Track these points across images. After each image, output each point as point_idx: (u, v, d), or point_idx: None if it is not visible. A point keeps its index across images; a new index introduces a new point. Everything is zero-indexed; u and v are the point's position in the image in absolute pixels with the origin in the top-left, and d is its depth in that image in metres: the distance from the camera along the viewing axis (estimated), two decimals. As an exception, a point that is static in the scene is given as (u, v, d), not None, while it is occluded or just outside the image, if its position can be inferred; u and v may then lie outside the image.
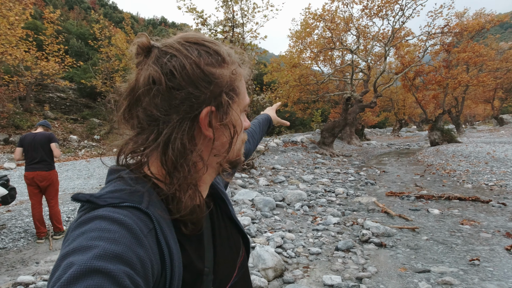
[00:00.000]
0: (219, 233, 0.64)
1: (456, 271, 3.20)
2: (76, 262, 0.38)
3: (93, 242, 0.40)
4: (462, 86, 18.78)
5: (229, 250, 0.66)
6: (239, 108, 0.60)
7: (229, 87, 0.57)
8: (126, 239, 0.42)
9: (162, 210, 0.52)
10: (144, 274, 0.42)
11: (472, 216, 4.94)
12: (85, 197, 0.48)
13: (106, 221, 0.43)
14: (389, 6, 14.98)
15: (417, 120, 33.13)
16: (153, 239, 0.47)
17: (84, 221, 0.45)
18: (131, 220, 0.45)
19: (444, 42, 16.41)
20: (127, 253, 0.41)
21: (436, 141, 16.09)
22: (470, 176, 7.96)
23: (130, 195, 0.50)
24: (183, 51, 0.53)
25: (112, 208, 0.47)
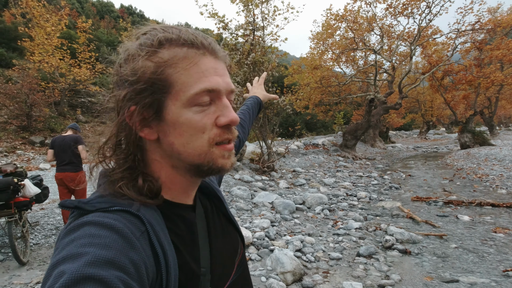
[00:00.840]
0: (214, 232, 0.62)
1: (487, 282, 3.01)
2: (67, 270, 0.36)
3: (84, 249, 0.39)
4: (496, 85, 17.69)
5: (226, 248, 0.63)
6: (179, 102, 0.50)
7: (155, 81, 0.49)
8: (117, 244, 0.41)
9: (154, 212, 0.51)
10: (139, 277, 0.41)
11: (506, 223, 4.63)
12: (72, 203, 0.47)
13: (96, 227, 0.42)
14: (415, 3, 14.46)
15: (446, 121, 31.60)
16: (146, 242, 0.46)
17: (73, 228, 0.43)
18: (122, 224, 0.44)
19: (475, 39, 15.58)
20: (119, 258, 0.39)
21: (466, 143, 15.25)
22: (505, 181, 7.46)
23: (119, 199, 0.49)
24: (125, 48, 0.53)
25: (101, 213, 0.45)
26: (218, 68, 0.53)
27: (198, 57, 0.51)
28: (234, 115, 0.53)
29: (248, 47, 11.38)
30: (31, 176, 4.00)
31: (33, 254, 3.70)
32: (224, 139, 0.54)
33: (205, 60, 0.52)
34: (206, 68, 0.51)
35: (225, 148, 0.54)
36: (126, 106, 0.50)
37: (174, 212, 0.55)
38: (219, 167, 0.54)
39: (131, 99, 0.50)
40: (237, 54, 11.41)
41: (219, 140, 0.53)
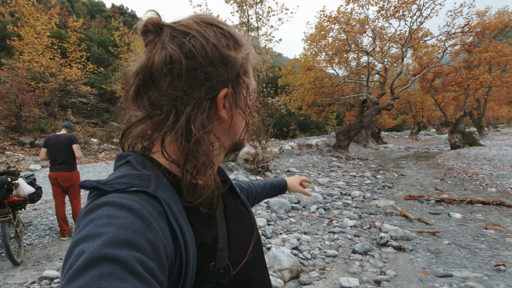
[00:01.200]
0: (230, 211, 0.65)
1: (480, 276, 3.08)
2: (86, 249, 0.38)
3: (102, 229, 0.40)
4: (485, 87, 18.12)
5: (242, 228, 0.66)
6: (247, 91, 0.60)
7: (243, 71, 0.57)
8: (135, 224, 0.42)
9: (171, 193, 0.52)
10: (156, 257, 0.42)
11: (496, 220, 4.74)
12: (91, 184, 0.48)
13: (114, 207, 0.43)
14: (406, 6, 14.71)
15: (436, 123, 32.17)
16: (163, 222, 0.47)
17: (92, 208, 0.45)
18: (139, 205, 0.45)
19: (464, 42, 15.91)
20: (137, 238, 0.40)
21: (456, 144, 15.55)
22: (494, 180, 7.64)
23: (138, 180, 0.50)
24: (202, 31, 0.53)
25: (119, 193, 0.46)
26: None
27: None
28: None
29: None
30: (24, 175, 3.93)
31: (27, 255, 3.64)
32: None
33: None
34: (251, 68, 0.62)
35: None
36: (219, 87, 0.54)
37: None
38: (244, 144, 0.65)
39: (228, 81, 0.55)
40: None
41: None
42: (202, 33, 0.53)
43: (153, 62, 0.51)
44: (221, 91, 0.54)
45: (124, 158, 0.56)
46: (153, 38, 0.53)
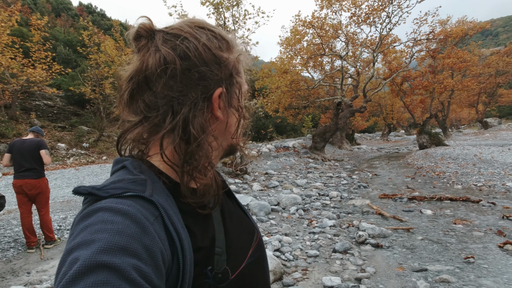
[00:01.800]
0: (229, 215, 0.64)
1: (452, 269, 3.25)
2: (80, 257, 0.37)
3: (97, 235, 0.39)
4: (448, 90, 19.34)
5: (241, 232, 0.65)
6: (240, 92, 0.61)
7: (235, 71, 0.58)
8: (130, 230, 0.41)
9: (167, 197, 0.51)
10: (153, 262, 0.41)
11: (464, 215, 5.04)
12: (86, 189, 0.47)
13: (109, 213, 0.43)
14: (376, 13, 15.38)
15: (405, 124, 33.82)
16: (160, 227, 0.46)
17: (87, 214, 0.44)
18: (135, 210, 0.44)
19: (429, 48, 16.91)
20: (132, 244, 0.40)
21: (424, 144, 16.42)
22: (459, 177, 8.14)
23: (133, 184, 0.49)
24: (194, 34, 0.54)
25: (114, 198, 0.46)
26: None
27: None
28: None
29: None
30: (-16, 183, 3.61)
31: (-13, 270, 3.34)
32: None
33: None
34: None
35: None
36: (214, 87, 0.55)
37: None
38: (240, 146, 0.65)
39: (218, 81, 0.55)
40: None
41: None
42: (194, 35, 0.54)
43: (147, 65, 0.52)
44: (216, 91, 0.55)
45: (120, 163, 0.56)
46: (146, 43, 0.54)
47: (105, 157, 15.39)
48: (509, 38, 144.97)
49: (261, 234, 0.74)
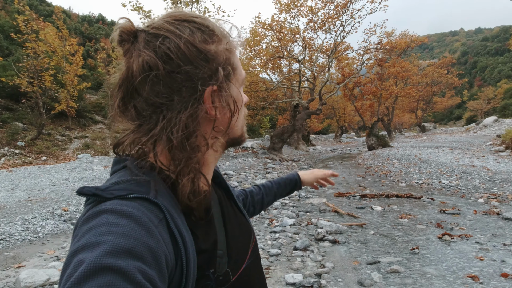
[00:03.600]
0: (229, 218, 0.64)
1: (401, 260, 3.51)
2: (85, 259, 0.37)
3: (102, 238, 0.39)
4: (393, 97, 21.12)
5: (240, 234, 0.66)
6: (238, 83, 0.60)
7: (226, 62, 0.56)
8: (135, 232, 0.41)
9: (171, 198, 0.51)
10: (157, 265, 0.41)
11: (408, 210, 5.51)
12: (90, 190, 0.47)
13: (114, 215, 0.42)
14: (331, 21, 16.20)
15: (355, 127, 36.14)
16: (164, 229, 0.46)
17: (91, 215, 0.43)
18: (140, 212, 0.44)
19: (377, 57, 18.31)
20: (137, 247, 0.40)
21: (372, 146, 17.70)
22: (403, 176, 8.91)
23: (137, 185, 0.49)
24: (175, 30, 0.51)
25: (119, 200, 0.45)
26: None
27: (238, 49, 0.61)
28: (246, 96, 0.65)
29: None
30: None
31: None
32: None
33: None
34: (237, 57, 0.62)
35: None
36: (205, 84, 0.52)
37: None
38: (246, 137, 0.65)
39: (210, 77, 0.53)
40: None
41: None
42: (175, 32, 0.51)
43: (132, 71, 0.51)
44: (206, 89, 0.53)
45: (121, 162, 0.55)
46: (129, 47, 0.52)
47: (44, 157, 13.89)
48: (442, 52, 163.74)
49: (255, 235, 0.73)
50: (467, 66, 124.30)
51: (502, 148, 12.91)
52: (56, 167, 9.20)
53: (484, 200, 5.80)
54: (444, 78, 30.96)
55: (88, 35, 41.95)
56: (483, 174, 7.84)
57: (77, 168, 9.06)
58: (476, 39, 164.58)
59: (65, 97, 17.17)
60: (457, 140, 18.48)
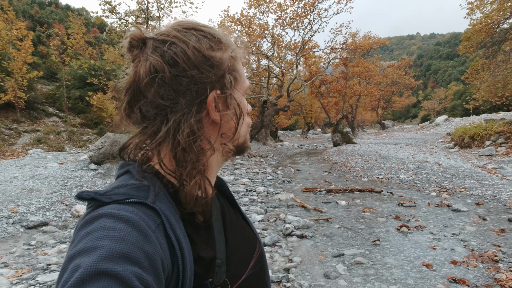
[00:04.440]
0: (230, 225, 0.64)
1: (363, 252, 3.68)
2: (82, 264, 0.37)
3: (99, 242, 0.39)
4: (356, 95, 22.08)
5: (242, 243, 0.65)
6: (242, 90, 0.61)
7: (230, 70, 0.57)
8: (132, 237, 0.41)
9: (170, 204, 0.51)
10: (153, 271, 0.41)
11: (370, 204, 5.80)
12: (89, 194, 0.47)
13: (111, 219, 0.43)
14: (300, 19, 16.46)
15: (321, 123, 37.27)
16: (161, 234, 0.46)
17: (89, 220, 0.44)
18: (137, 217, 0.44)
19: (342, 56, 18.98)
20: (134, 252, 0.40)
21: (337, 142, 18.39)
22: (365, 171, 9.37)
23: (136, 190, 0.49)
24: (181, 37, 0.53)
25: (117, 205, 0.46)
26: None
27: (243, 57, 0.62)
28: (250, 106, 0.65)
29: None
30: None
31: None
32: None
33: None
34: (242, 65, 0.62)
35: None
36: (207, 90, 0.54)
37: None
38: (248, 145, 0.64)
39: (211, 84, 0.54)
40: (129, 43, 10.27)
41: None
42: (181, 38, 0.53)
43: (139, 75, 0.53)
44: (210, 94, 0.54)
45: (125, 167, 0.57)
46: (138, 53, 0.54)
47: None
48: (400, 54, 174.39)
49: (263, 246, 0.73)
50: (422, 68, 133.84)
51: (451, 145, 14.11)
52: (2, 164, 8.35)
53: (436, 193, 6.29)
54: (402, 79, 33.04)
55: (38, 19, 38.43)
56: (435, 169, 8.49)
57: (27, 165, 8.29)
58: (431, 43, 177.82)
59: (12, 87, 15.61)
60: (413, 137, 19.86)
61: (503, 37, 12.07)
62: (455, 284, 2.87)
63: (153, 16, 11.12)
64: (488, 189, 6.14)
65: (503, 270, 3.04)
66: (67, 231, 4.42)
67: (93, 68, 20.69)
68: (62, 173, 7.08)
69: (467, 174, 7.62)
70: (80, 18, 23.81)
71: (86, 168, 7.68)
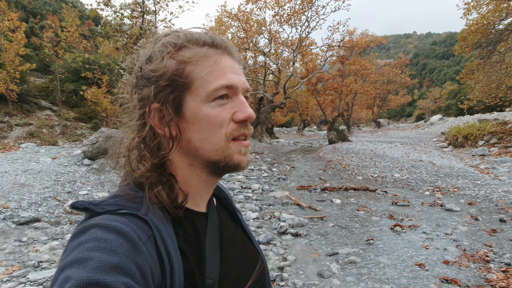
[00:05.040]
0: (229, 242, 0.61)
1: (357, 251, 3.70)
2: (73, 276, 0.37)
3: (90, 253, 0.39)
4: (352, 93, 22.13)
5: (241, 262, 0.62)
6: (199, 98, 0.53)
7: (177, 78, 0.53)
8: (123, 248, 0.41)
9: (162, 216, 0.50)
10: (144, 283, 0.41)
11: (364, 203, 5.83)
12: (83, 204, 0.47)
13: (103, 230, 0.42)
14: (297, 16, 16.40)
15: (317, 121, 37.35)
16: (152, 246, 0.46)
17: (81, 230, 0.44)
18: (129, 228, 0.44)
19: (339, 54, 18.98)
20: (126, 263, 0.40)
21: (333, 139, 18.45)
22: (360, 169, 9.42)
23: (129, 201, 0.49)
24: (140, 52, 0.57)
25: (109, 215, 0.46)
26: (235, 67, 0.56)
27: (218, 55, 0.54)
28: (250, 111, 0.55)
29: (137, 31, 10.27)
30: None
31: None
32: (241, 134, 0.55)
33: (223, 59, 0.55)
34: (225, 66, 0.54)
35: (242, 144, 0.56)
36: (148, 103, 0.53)
37: (185, 217, 0.55)
38: (235, 163, 0.55)
39: (154, 96, 0.53)
40: (124, 37, 10.17)
41: (236, 135, 0.54)
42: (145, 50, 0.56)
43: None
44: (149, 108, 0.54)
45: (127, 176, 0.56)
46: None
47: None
48: (397, 53, 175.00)
49: (266, 263, 0.69)
50: (418, 67, 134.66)
51: (445, 144, 14.24)
52: (-6, 157, 8.22)
53: (430, 193, 6.35)
54: (398, 77, 33.21)
55: (31, 9, 37.68)
56: (429, 168, 8.57)
57: (19, 159, 8.17)
58: (427, 42, 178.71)
59: (4, 79, 15.33)
60: (407, 136, 19.99)
61: (498, 38, 12.16)
62: (447, 284, 2.90)
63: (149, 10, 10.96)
64: (480, 189, 6.21)
65: (494, 271, 3.08)
66: (60, 228, 4.37)
67: (87, 61, 20.40)
68: (55, 168, 6.99)
69: (460, 174, 7.70)
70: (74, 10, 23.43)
71: (79, 163, 7.60)
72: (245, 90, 0.57)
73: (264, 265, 0.68)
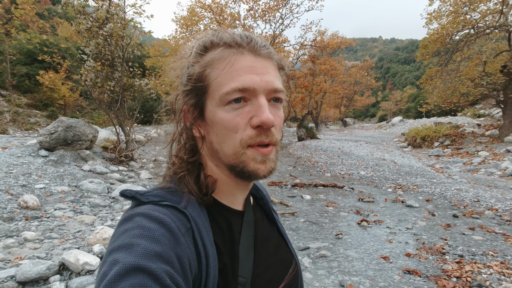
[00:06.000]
0: (263, 242, 0.62)
1: (327, 245, 3.83)
2: (120, 259, 0.39)
3: (135, 240, 0.42)
4: (322, 92, 22.75)
5: (274, 263, 0.62)
6: (214, 101, 0.53)
7: (199, 82, 0.54)
8: (165, 238, 0.43)
9: (201, 211, 0.52)
10: (183, 272, 0.43)
11: (333, 199, 6.04)
12: (130, 193, 0.51)
13: (147, 219, 0.45)
14: (272, 12, 16.42)
15: (287, 118, 37.89)
16: (190, 239, 0.48)
17: (127, 218, 0.47)
18: (170, 219, 0.46)
19: (311, 53, 19.36)
20: (167, 252, 0.42)
21: (302, 137, 18.87)
22: (329, 166, 9.75)
23: (171, 194, 0.52)
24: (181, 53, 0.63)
25: (153, 205, 0.48)
26: (256, 67, 0.52)
27: (234, 56, 0.52)
28: (267, 115, 0.50)
29: (104, 15, 9.64)
30: None
31: None
32: (258, 142, 0.52)
33: (241, 59, 0.52)
34: (241, 67, 0.52)
35: (258, 151, 0.53)
36: (183, 105, 0.57)
37: (221, 214, 0.57)
38: (249, 170, 0.53)
39: (183, 99, 0.57)
40: (88, 20, 9.48)
41: (251, 143, 0.52)
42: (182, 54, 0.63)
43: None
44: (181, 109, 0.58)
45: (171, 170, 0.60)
46: None
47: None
48: (363, 55, 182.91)
49: (300, 267, 0.68)
50: (382, 71, 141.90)
51: (405, 144, 15.21)
52: None
53: (392, 190, 6.74)
54: (365, 79, 34.73)
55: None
56: (391, 167, 9.10)
57: (-37, 148, 7.33)
58: (391, 47, 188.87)
59: None
60: (371, 136, 21.05)
61: (454, 48, 13.16)
62: (409, 275, 3.10)
63: (118, -6, 10.33)
64: (436, 187, 6.72)
65: (449, 262, 3.35)
66: (14, 224, 4.00)
67: (44, 44, 18.77)
68: (6, 159, 6.37)
69: (419, 172, 8.27)
70: (30, -14, 21.33)
71: (35, 154, 7.00)
72: (271, 91, 0.53)
73: (297, 269, 0.67)
